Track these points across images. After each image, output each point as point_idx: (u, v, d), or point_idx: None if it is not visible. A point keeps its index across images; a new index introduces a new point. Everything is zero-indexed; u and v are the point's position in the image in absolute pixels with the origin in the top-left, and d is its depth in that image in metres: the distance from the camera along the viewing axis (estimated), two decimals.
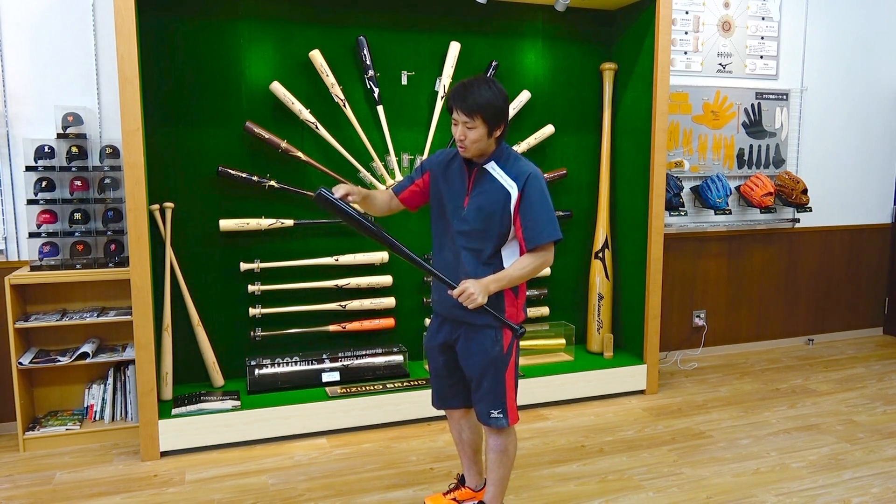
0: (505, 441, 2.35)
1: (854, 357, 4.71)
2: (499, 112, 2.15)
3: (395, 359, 3.66)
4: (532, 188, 2.18)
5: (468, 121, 2.13)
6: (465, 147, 2.19)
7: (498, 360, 2.27)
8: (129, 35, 2.82)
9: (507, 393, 2.29)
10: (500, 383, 2.28)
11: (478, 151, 2.20)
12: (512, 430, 2.37)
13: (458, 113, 2.15)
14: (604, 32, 4.06)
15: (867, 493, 2.80)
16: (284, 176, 3.52)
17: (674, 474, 2.96)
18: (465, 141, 2.17)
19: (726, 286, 4.70)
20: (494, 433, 2.35)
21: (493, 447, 2.37)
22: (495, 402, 2.29)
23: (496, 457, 2.37)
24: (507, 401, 2.29)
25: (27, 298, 3.27)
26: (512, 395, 2.32)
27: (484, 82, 2.15)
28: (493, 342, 2.26)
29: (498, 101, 2.14)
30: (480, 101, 2.11)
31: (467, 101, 2.12)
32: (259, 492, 2.78)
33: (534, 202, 2.17)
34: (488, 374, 2.27)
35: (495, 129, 2.17)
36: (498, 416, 2.29)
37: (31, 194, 3.16)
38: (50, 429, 3.19)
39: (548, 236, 2.17)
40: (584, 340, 4.20)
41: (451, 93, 2.19)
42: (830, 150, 4.90)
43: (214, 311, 3.51)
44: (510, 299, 2.27)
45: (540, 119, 3.97)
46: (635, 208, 3.92)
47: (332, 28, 3.54)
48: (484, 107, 2.11)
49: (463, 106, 2.12)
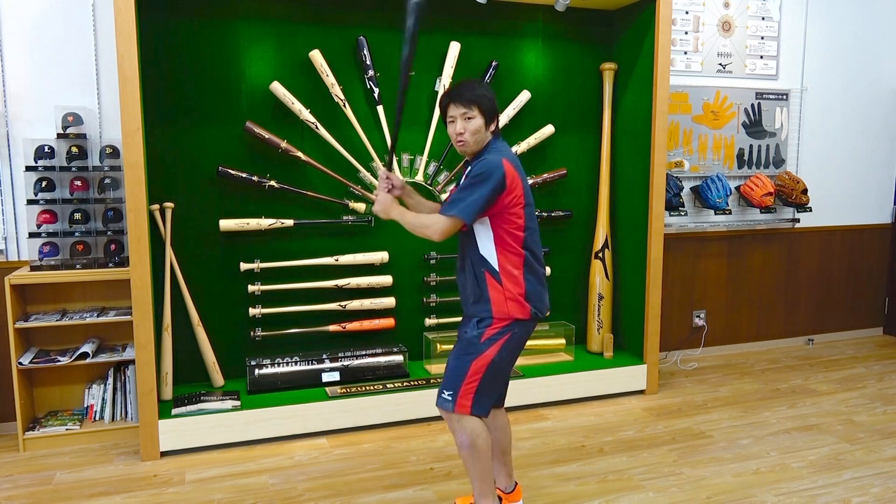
0: (469, 436, 2.28)
1: (854, 357, 4.71)
2: (493, 105, 2.28)
3: (395, 359, 3.66)
4: (476, 168, 2.22)
5: (466, 111, 2.23)
6: (465, 141, 2.26)
7: (470, 344, 2.29)
8: (129, 35, 2.82)
9: (465, 380, 2.27)
10: (461, 366, 2.27)
11: (477, 145, 2.27)
12: (473, 421, 2.29)
13: (455, 107, 2.25)
14: (604, 32, 4.06)
15: (867, 493, 2.80)
16: (284, 176, 3.52)
17: (674, 474, 2.96)
18: (464, 134, 2.24)
19: (726, 286, 4.70)
20: (457, 431, 2.31)
21: (459, 444, 2.32)
22: (449, 382, 2.29)
23: (466, 453, 2.31)
24: (460, 387, 2.27)
25: (27, 298, 3.27)
26: (470, 386, 2.27)
27: (476, 81, 2.32)
28: (473, 327, 2.30)
29: (491, 95, 2.28)
30: (478, 93, 2.25)
31: (464, 94, 2.24)
32: (259, 492, 2.78)
33: (468, 181, 2.22)
34: (455, 353, 2.32)
35: (491, 121, 2.27)
36: (447, 397, 2.29)
37: (31, 194, 3.16)
38: (50, 429, 3.19)
39: (447, 209, 2.21)
40: (584, 340, 4.20)
41: (444, 94, 2.30)
42: (830, 150, 4.90)
43: (214, 311, 3.51)
44: (493, 285, 2.27)
45: (540, 119, 3.97)
46: (635, 208, 3.92)
47: (332, 28, 3.54)
48: (481, 98, 2.24)
49: (461, 99, 2.24)
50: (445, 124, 2.34)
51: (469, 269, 2.34)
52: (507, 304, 2.28)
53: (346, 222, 3.65)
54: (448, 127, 2.31)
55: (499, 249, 2.27)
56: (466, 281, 2.35)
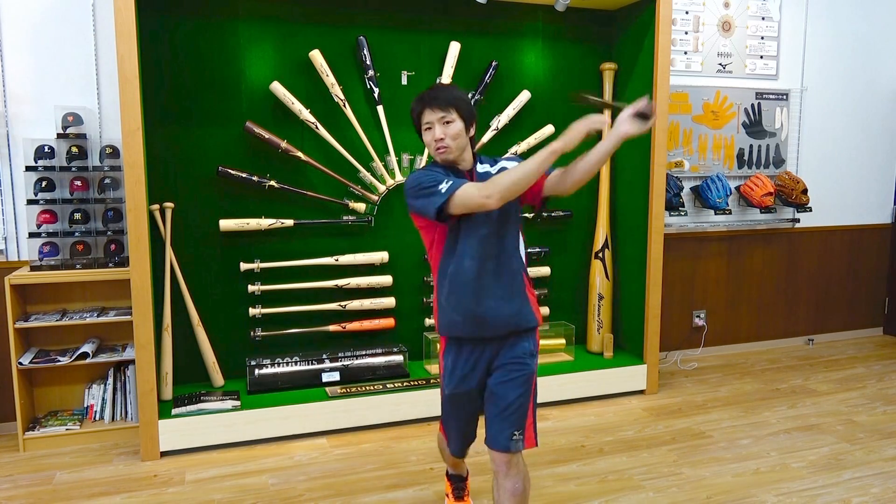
0: (527, 478, 2.04)
1: (854, 357, 4.71)
2: (471, 108, 2.08)
3: (395, 359, 3.66)
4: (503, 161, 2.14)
5: (445, 115, 2.01)
6: (447, 146, 2.02)
7: (532, 375, 2.06)
8: (129, 35, 2.82)
9: (530, 412, 2.05)
10: (527, 401, 2.02)
11: (459, 150, 2.05)
12: (525, 463, 2.07)
13: (431, 112, 2.02)
14: (604, 32, 4.06)
15: (867, 493, 2.80)
16: (284, 176, 3.52)
17: (674, 474, 2.96)
18: (444, 140, 2.01)
19: (726, 286, 4.70)
20: (520, 475, 2.03)
21: (513, 490, 2.01)
22: (517, 421, 2.00)
23: (521, 500, 2.02)
24: (526, 421, 2.03)
25: (27, 298, 3.27)
26: (532, 416, 2.06)
27: (450, 84, 2.14)
28: (531, 355, 2.08)
29: (467, 98, 2.09)
30: (455, 94, 2.05)
31: (440, 96, 2.03)
32: (259, 492, 2.78)
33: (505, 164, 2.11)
34: (514, 384, 2.03)
35: (470, 125, 2.08)
36: (517, 437, 2.01)
37: (31, 194, 3.16)
38: (50, 429, 3.19)
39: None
40: (584, 340, 4.19)
41: (416, 100, 2.07)
42: (830, 150, 4.90)
43: (214, 311, 3.51)
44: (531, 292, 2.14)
45: (540, 119, 3.97)
46: (635, 208, 3.92)
47: (332, 28, 3.54)
48: (458, 100, 2.04)
49: (436, 102, 2.02)
50: (420, 134, 2.10)
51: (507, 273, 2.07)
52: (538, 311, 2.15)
53: (346, 222, 3.65)
54: (424, 135, 2.07)
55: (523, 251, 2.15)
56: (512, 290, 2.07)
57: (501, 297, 2.05)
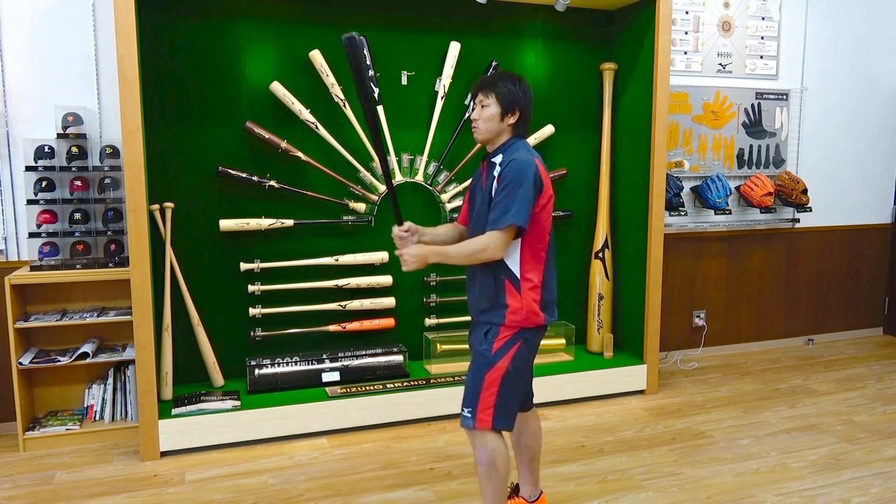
0: (489, 454, 2.19)
1: (854, 357, 4.71)
2: (515, 98, 2.21)
3: (395, 359, 3.66)
4: (507, 171, 2.14)
5: (484, 98, 2.21)
6: (478, 127, 2.24)
7: (482, 357, 2.21)
8: (129, 35, 2.83)
9: (481, 394, 2.19)
10: (476, 381, 2.20)
11: (489, 133, 2.23)
12: (495, 440, 2.21)
13: (478, 94, 2.24)
14: (604, 32, 4.06)
15: (867, 493, 2.80)
16: (284, 176, 3.52)
17: (674, 474, 2.96)
18: (478, 121, 2.23)
19: (726, 286, 4.70)
20: (477, 447, 2.22)
21: (477, 460, 2.23)
22: (467, 399, 2.22)
23: (484, 471, 2.21)
24: (478, 402, 2.19)
25: (27, 298, 3.27)
26: (488, 401, 2.19)
27: (508, 74, 2.27)
28: (482, 340, 2.23)
29: (517, 90, 2.22)
30: (500, 83, 2.21)
31: (487, 81, 2.23)
32: (259, 492, 2.78)
33: (502, 186, 2.13)
34: (471, 368, 2.25)
35: (508, 113, 2.21)
36: (467, 414, 2.21)
37: (31, 194, 3.16)
38: (50, 429, 3.19)
39: (496, 222, 2.11)
40: (584, 340, 4.19)
41: (475, 83, 2.29)
42: (830, 150, 4.90)
43: (214, 311, 3.51)
44: (511, 292, 2.19)
45: (540, 119, 3.97)
46: (635, 208, 3.92)
47: (332, 28, 3.54)
48: (501, 88, 2.20)
49: (482, 86, 2.23)
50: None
51: (487, 274, 2.22)
52: (521, 314, 2.20)
53: (346, 222, 3.66)
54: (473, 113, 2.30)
55: (523, 256, 2.19)
56: (482, 287, 2.25)
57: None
